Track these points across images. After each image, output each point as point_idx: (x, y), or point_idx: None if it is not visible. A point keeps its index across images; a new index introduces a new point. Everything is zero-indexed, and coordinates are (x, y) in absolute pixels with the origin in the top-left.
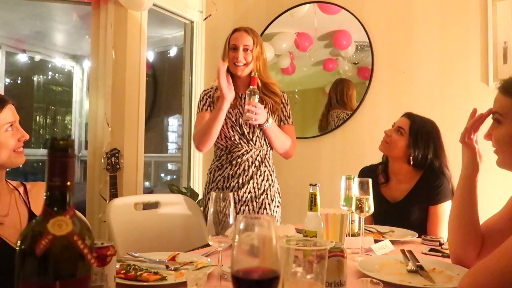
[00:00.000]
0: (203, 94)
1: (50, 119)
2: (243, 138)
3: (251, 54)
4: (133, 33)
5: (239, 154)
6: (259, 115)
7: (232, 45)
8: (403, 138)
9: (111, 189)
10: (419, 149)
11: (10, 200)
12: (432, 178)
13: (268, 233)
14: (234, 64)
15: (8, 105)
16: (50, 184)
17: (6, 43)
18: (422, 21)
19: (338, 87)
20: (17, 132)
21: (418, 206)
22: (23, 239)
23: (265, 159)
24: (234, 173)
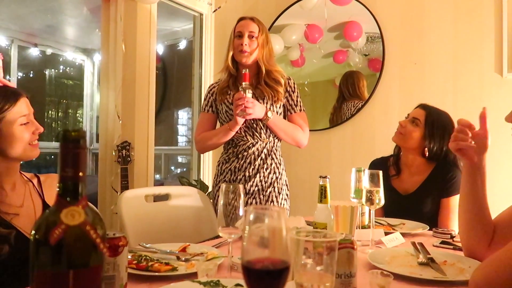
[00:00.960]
0: (207, 91)
1: (62, 112)
2: (248, 131)
3: (256, 41)
4: (143, 26)
5: (244, 147)
6: (252, 108)
7: (237, 32)
8: (418, 129)
9: (122, 181)
10: (435, 141)
11: (25, 192)
12: (445, 171)
13: (278, 224)
14: (239, 52)
15: (22, 98)
16: (63, 174)
17: (18, 37)
18: (435, 11)
19: (348, 80)
20: (32, 125)
21: (430, 199)
22: (37, 229)
23: (272, 151)
24: (241, 166)
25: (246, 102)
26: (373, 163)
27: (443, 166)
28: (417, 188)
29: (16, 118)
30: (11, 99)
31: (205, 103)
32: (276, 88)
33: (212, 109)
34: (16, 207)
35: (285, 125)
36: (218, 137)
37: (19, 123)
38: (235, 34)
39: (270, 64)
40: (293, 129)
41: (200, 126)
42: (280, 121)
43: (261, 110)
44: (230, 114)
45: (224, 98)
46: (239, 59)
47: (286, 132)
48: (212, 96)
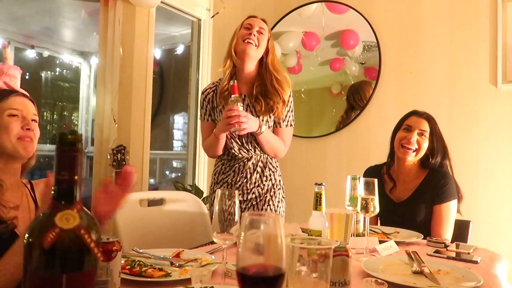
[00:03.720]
0: (202, 98)
1: (57, 115)
2: (242, 148)
3: (264, 39)
4: (141, 30)
5: (240, 163)
6: (246, 123)
7: (246, 25)
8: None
9: None
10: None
11: (22, 196)
12: (438, 177)
13: (274, 231)
14: (244, 42)
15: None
16: (58, 178)
17: (15, 38)
18: (431, 21)
19: (355, 94)
20: (23, 121)
21: (423, 206)
22: (30, 232)
23: (267, 161)
24: (238, 181)
25: (240, 117)
26: (367, 171)
27: (435, 172)
28: (410, 195)
29: (4, 109)
30: (5, 93)
31: (203, 112)
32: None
33: (212, 117)
34: (12, 209)
35: (273, 140)
36: (213, 146)
37: (7, 114)
38: (243, 26)
39: (278, 70)
40: (278, 144)
41: (204, 134)
42: (270, 135)
43: (255, 123)
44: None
45: (223, 104)
46: (243, 50)
47: (272, 146)
48: (208, 104)
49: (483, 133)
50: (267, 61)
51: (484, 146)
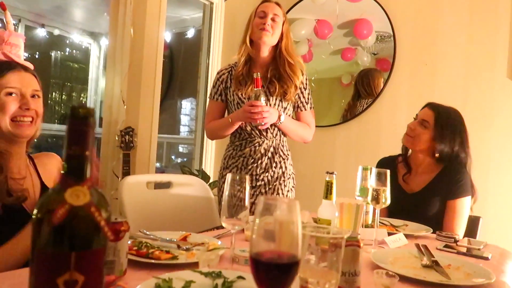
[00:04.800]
0: (216, 78)
1: (65, 95)
2: (255, 129)
3: (279, 26)
4: (152, 12)
5: (251, 146)
6: (268, 117)
7: (260, 12)
8: (427, 131)
9: (123, 167)
10: (445, 142)
11: (27, 173)
12: (454, 172)
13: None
14: (259, 30)
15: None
16: (69, 152)
17: (26, 17)
18: (449, 12)
19: (364, 79)
20: (22, 100)
21: (436, 199)
22: (39, 208)
23: (279, 148)
24: (247, 165)
25: (262, 112)
26: (381, 161)
27: (452, 167)
28: (423, 187)
29: (3, 86)
30: (4, 67)
31: (214, 91)
32: (290, 83)
33: (222, 97)
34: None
35: (295, 126)
36: (222, 129)
37: (3, 93)
38: (257, 13)
39: (292, 55)
40: (302, 129)
41: (209, 114)
42: (291, 122)
43: (275, 115)
44: (241, 106)
45: (238, 88)
46: (258, 37)
47: (296, 132)
48: (221, 84)
49: (497, 128)
50: (281, 45)
51: (497, 142)
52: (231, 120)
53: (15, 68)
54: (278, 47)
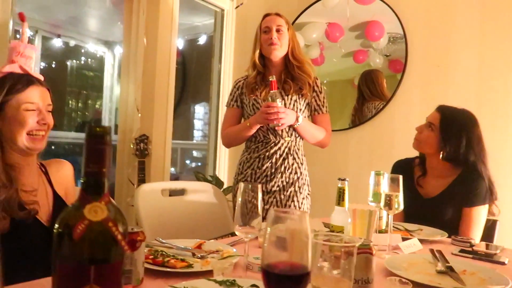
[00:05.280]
0: (233, 86)
1: (81, 103)
2: (271, 130)
3: (284, 35)
4: (165, 20)
5: (267, 147)
6: (285, 118)
7: (264, 28)
8: (434, 133)
9: (139, 174)
10: (450, 143)
11: (39, 181)
12: (470, 179)
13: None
14: (268, 46)
15: (35, 86)
16: (87, 170)
17: (43, 27)
18: (461, 12)
19: (367, 79)
20: (39, 115)
21: (452, 205)
22: (60, 223)
23: (294, 151)
24: (262, 166)
25: (279, 113)
26: (397, 164)
27: (469, 173)
28: (440, 192)
29: (24, 102)
30: (24, 82)
31: (230, 98)
32: (304, 81)
33: (237, 103)
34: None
35: (313, 129)
36: (240, 133)
37: (23, 108)
38: (262, 29)
39: (300, 57)
40: (319, 132)
41: (226, 122)
42: (308, 124)
43: (292, 116)
44: (256, 108)
45: (252, 94)
46: (269, 53)
47: (313, 135)
48: (238, 90)
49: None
50: (288, 51)
51: None
52: (250, 123)
53: (34, 83)
54: (287, 53)
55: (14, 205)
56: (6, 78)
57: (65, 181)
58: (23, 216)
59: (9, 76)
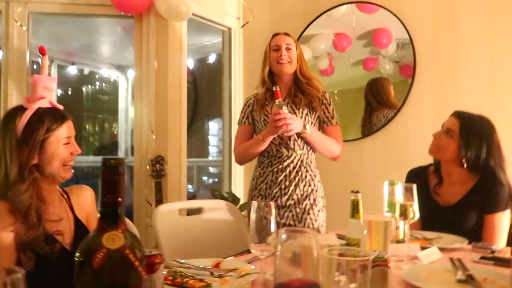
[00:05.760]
0: (244, 103)
1: (98, 127)
2: (282, 143)
3: (293, 53)
4: (174, 42)
5: (280, 160)
6: (292, 124)
7: (274, 46)
8: (453, 140)
9: (156, 195)
10: (472, 150)
11: (61, 207)
12: (490, 185)
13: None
14: (277, 63)
15: (68, 121)
16: (104, 200)
17: (58, 56)
18: (467, 16)
19: (373, 88)
20: (71, 146)
21: (472, 213)
22: (81, 252)
23: (307, 163)
24: (276, 179)
25: (286, 119)
26: (411, 172)
27: (487, 179)
28: (458, 200)
29: (60, 139)
30: (58, 121)
31: (241, 115)
32: (314, 95)
33: (249, 120)
34: (57, 222)
35: (322, 138)
36: (253, 148)
37: (61, 143)
38: (272, 48)
39: (308, 74)
40: (330, 142)
41: (238, 139)
42: (317, 133)
43: (300, 124)
44: (267, 123)
45: (262, 110)
46: (279, 70)
47: (323, 144)
48: (248, 107)
49: None
50: (296, 69)
51: None
52: (262, 136)
53: (67, 118)
54: (295, 70)
55: (41, 243)
56: (42, 115)
57: (86, 206)
58: (49, 251)
59: (42, 113)
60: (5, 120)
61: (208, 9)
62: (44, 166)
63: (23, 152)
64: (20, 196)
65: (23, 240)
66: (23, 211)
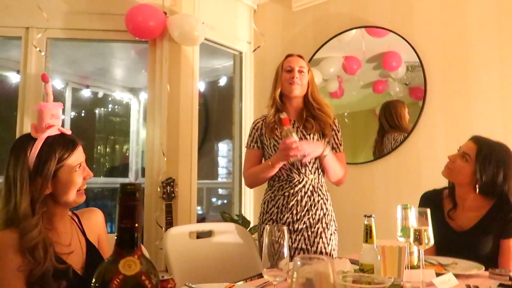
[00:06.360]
0: (252, 127)
1: (109, 148)
2: (293, 168)
3: (305, 76)
4: (186, 66)
5: (291, 185)
6: (308, 149)
7: (287, 67)
8: (469, 165)
9: (166, 217)
10: (487, 176)
11: (72, 230)
12: (505, 210)
13: (326, 272)
14: (289, 84)
15: (79, 147)
16: (120, 226)
17: (72, 80)
18: (478, 38)
19: (386, 111)
20: (84, 171)
21: (488, 238)
22: (97, 278)
23: (318, 187)
24: (288, 204)
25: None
26: (425, 196)
27: (503, 204)
28: (473, 225)
29: (73, 165)
30: (69, 148)
31: (250, 139)
32: (325, 121)
33: (257, 144)
34: (67, 246)
35: (336, 163)
36: (263, 173)
37: (75, 170)
38: (284, 68)
39: (319, 99)
40: (340, 168)
41: (247, 163)
42: (334, 159)
43: (316, 147)
44: (277, 148)
45: (272, 133)
46: (289, 91)
47: (335, 171)
48: (257, 131)
49: None
50: (307, 92)
51: None
52: (272, 162)
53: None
54: (306, 93)
55: (48, 280)
56: (53, 145)
57: (97, 229)
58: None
59: (53, 142)
60: (15, 151)
61: (220, 34)
62: (58, 194)
63: (36, 185)
64: (29, 233)
65: (30, 278)
66: (31, 248)
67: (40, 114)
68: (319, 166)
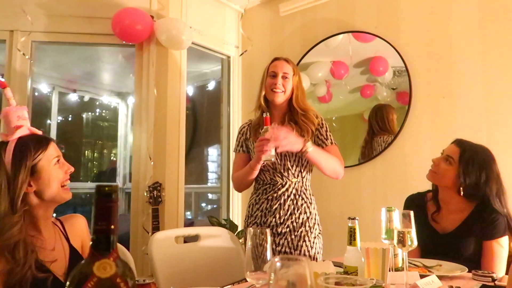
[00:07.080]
0: (238, 131)
1: (97, 153)
2: (276, 172)
3: (289, 82)
4: (174, 70)
5: (274, 188)
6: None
7: (271, 72)
8: (452, 167)
9: (153, 222)
10: (470, 178)
11: (55, 235)
12: (487, 211)
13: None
14: (272, 90)
15: (52, 143)
16: (96, 227)
17: (59, 84)
18: (461, 43)
19: (377, 113)
20: (64, 166)
21: (471, 240)
22: (71, 281)
23: (301, 191)
24: (271, 208)
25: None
26: (410, 198)
27: (485, 206)
28: (456, 227)
29: (50, 159)
30: (43, 143)
31: (236, 144)
32: (307, 129)
33: (243, 148)
34: (51, 251)
35: (325, 156)
36: (245, 176)
37: (53, 163)
38: (269, 73)
39: (304, 104)
40: (332, 159)
41: (235, 167)
42: (320, 152)
43: (297, 142)
44: None
45: (255, 137)
46: (272, 98)
47: (327, 163)
48: (242, 136)
49: None
50: (292, 97)
51: None
52: (251, 165)
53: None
54: (290, 98)
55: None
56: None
57: (80, 234)
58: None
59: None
60: None
61: (207, 38)
62: (42, 190)
63: (16, 184)
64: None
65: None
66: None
67: (6, 118)
68: (303, 169)
